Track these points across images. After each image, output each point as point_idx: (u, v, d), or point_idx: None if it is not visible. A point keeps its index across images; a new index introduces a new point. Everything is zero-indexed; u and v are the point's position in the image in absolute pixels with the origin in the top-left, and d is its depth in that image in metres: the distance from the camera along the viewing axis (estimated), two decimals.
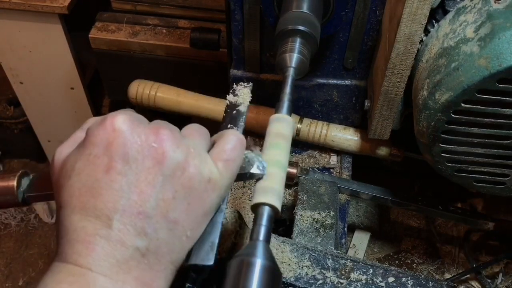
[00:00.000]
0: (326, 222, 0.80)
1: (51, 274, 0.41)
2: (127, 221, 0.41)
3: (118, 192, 0.41)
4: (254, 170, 0.49)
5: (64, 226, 0.42)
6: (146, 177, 0.42)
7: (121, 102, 1.48)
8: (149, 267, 0.42)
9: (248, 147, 0.51)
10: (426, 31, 0.76)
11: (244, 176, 0.49)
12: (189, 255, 0.46)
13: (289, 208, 0.89)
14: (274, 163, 0.51)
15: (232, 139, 0.48)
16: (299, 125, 0.96)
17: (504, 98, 0.64)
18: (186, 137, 0.46)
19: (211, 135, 0.52)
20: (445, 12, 0.74)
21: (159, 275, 0.43)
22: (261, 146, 0.97)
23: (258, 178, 0.49)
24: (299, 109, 0.98)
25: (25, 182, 0.54)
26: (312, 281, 0.67)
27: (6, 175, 0.54)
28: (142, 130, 0.43)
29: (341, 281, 0.68)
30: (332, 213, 0.82)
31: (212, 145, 0.49)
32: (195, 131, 0.49)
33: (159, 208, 0.42)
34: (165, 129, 0.44)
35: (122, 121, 0.43)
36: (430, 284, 0.69)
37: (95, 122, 0.45)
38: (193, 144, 0.46)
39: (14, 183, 0.53)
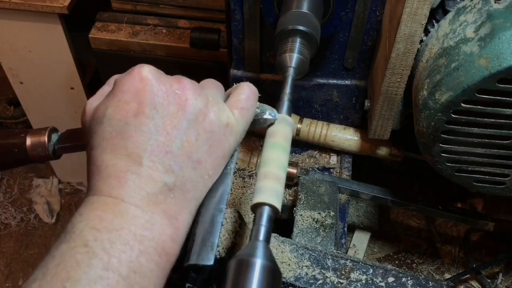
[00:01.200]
0: (326, 222, 0.80)
1: (85, 205, 0.44)
2: (156, 159, 0.44)
3: (147, 134, 0.44)
4: (267, 116, 0.54)
5: (96, 165, 0.45)
6: (172, 121, 0.45)
7: None
8: (175, 201, 0.45)
9: None
10: (426, 31, 0.76)
11: (258, 122, 0.54)
12: (189, 254, 0.46)
13: (289, 208, 0.89)
14: (274, 163, 0.51)
15: (246, 90, 0.53)
16: (299, 125, 0.96)
17: (504, 98, 0.64)
18: (204, 87, 0.50)
19: None
20: (445, 12, 0.74)
21: (184, 209, 0.46)
22: (261, 146, 0.97)
23: (270, 123, 0.54)
24: (299, 109, 0.98)
25: (55, 137, 0.59)
26: (312, 281, 0.67)
27: (37, 130, 0.59)
28: (166, 79, 0.47)
29: (341, 281, 0.68)
30: (332, 213, 0.82)
31: (227, 97, 0.53)
32: (212, 83, 0.54)
33: (184, 149, 0.46)
34: (186, 80, 0.48)
35: (148, 71, 0.46)
36: (430, 284, 0.69)
37: (121, 74, 0.48)
38: (211, 93, 0.50)
39: (45, 137, 0.58)
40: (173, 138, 0.45)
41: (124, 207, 0.43)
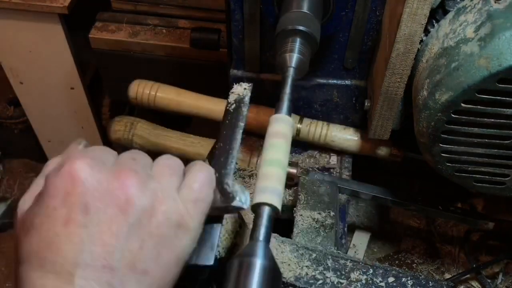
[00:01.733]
0: (326, 222, 0.80)
1: None
2: (91, 276, 0.38)
3: (79, 245, 0.38)
4: (236, 203, 0.47)
5: (22, 284, 0.39)
6: (110, 228, 0.39)
7: (121, 102, 1.49)
8: None
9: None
10: (426, 31, 0.76)
11: (225, 209, 0.47)
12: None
13: (289, 208, 0.89)
14: (274, 163, 0.51)
15: (199, 177, 0.45)
16: (299, 125, 0.96)
17: (504, 98, 0.64)
18: (155, 176, 0.43)
19: (212, 135, 0.50)
20: (445, 12, 0.74)
21: None
22: (261, 146, 0.97)
23: (240, 210, 0.47)
24: (299, 109, 0.98)
25: (1, 208, 0.52)
26: (312, 281, 0.67)
27: None
28: (103, 176, 0.40)
29: (341, 281, 0.68)
30: (332, 213, 0.82)
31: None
32: (166, 167, 0.45)
33: (125, 260, 0.39)
34: (129, 172, 0.41)
35: (81, 167, 0.40)
36: (430, 284, 0.69)
37: (53, 168, 0.42)
38: (161, 186, 0.42)
39: None
40: (111, 248, 0.38)
41: None
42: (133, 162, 0.43)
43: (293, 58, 0.68)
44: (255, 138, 1.01)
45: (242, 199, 0.47)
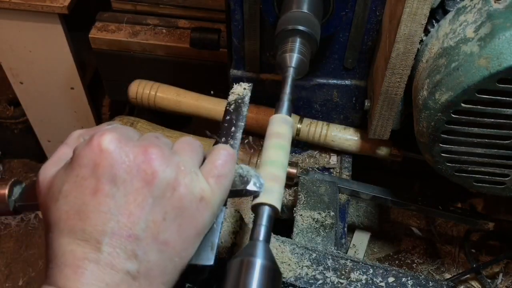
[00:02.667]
0: (326, 222, 0.80)
1: None
2: (117, 244, 0.40)
3: (107, 214, 0.40)
4: (251, 187, 0.48)
5: (52, 250, 0.41)
6: (135, 199, 0.41)
7: (121, 102, 1.49)
8: None
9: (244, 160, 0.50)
10: (426, 31, 0.76)
11: (240, 193, 0.48)
12: None
13: (289, 208, 0.89)
14: (274, 163, 0.51)
15: (223, 154, 0.47)
16: (299, 125, 0.96)
17: (504, 98, 0.64)
18: (177, 153, 0.45)
19: (211, 135, 0.51)
20: (445, 12, 0.74)
21: None
22: (261, 146, 0.97)
23: (254, 195, 0.48)
24: (299, 109, 0.98)
25: (17, 190, 0.53)
26: (312, 281, 0.67)
27: None
28: (130, 149, 0.42)
29: (341, 281, 0.68)
30: (332, 213, 0.82)
31: (204, 160, 0.48)
32: (187, 145, 0.47)
33: (149, 230, 0.41)
34: (154, 147, 0.43)
35: (109, 140, 0.42)
36: (430, 284, 0.69)
37: (83, 141, 0.44)
38: (184, 161, 0.44)
39: (6, 191, 0.52)
40: (136, 218, 0.40)
41: None
42: (156, 139, 0.45)
43: (293, 58, 0.68)
44: (255, 138, 1.01)
45: (257, 183, 0.48)
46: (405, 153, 0.94)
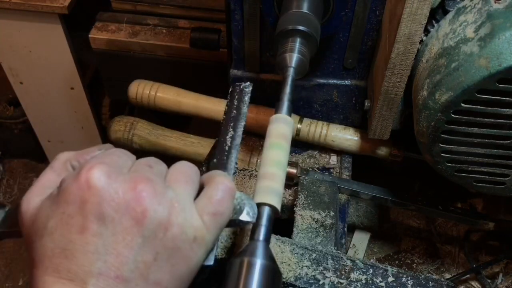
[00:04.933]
0: (326, 222, 0.80)
1: None
2: (104, 285, 0.38)
3: (94, 254, 0.38)
4: (244, 217, 0.45)
5: (36, 287, 0.39)
6: (124, 238, 0.39)
7: (121, 102, 1.49)
8: None
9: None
10: (426, 31, 0.76)
11: (232, 223, 0.46)
12: None
13: (289, 208, 0.89)
14: (274, 163, 0.51)
15: (221, 189, 0.44)
16: (299, 125, 0.96)
17: (504, 98, 0.64)
18: (171, 185, 0.43)
19: (211, 135, 0.50)
20: (445, 12, 0.74)
21: None
22: (261, 146, 0.97)
23: (247, 224, 0.46)
24: (299, 109, 0.98)
25: (0, 214, 0.51)
26: (312, 281, 0.67)
27: None
28: (119, 185, 0.40)
29: (341, 281, 0.68)
30: (332, 213, 0.82)
31: (201, 187, 0.45)
32: (182, 175, 0.44)
33: (139, 271, 0.39)
34: (145, 183, 0.40)
35: (98, 176, 0.40)
36: (430, 284, 0.68)
37: (70, 174, 0.42)
38: (178, 195, 0.42)
39: None
40: (125, 259, 0.39)
41: None
42: (149, 169, 0.43)
43: (293, 58, 0.68)
44: (255, 138, 1.01)
45: (250, 213, 0.46)
46: (405, 153, 0.94)
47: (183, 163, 0.46)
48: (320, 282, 0.67)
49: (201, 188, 0.45)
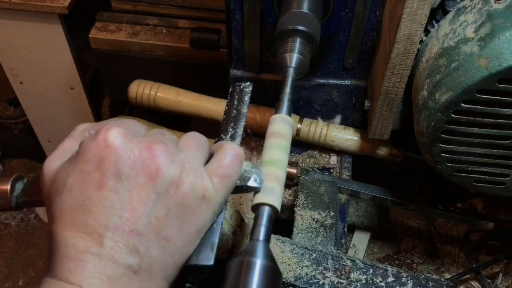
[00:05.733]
0: (326, 222, 0.80)
1: None
2: (119, 238, 0.40)
3: (110, 209, 0.40)
4: (251, 183, 0.48)
5: (55, 243, 0.41)
6: (139, 194, 0.41)
7: (121, 102, 1.49)
8: (141, 285, 0.41)
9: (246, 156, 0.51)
10: (426, 31, 0.76)
11: (240, 189, 0.48)
12: (187, 259, 0.46)
13: (289, 208, 0.89)
14: (274, 163, 0.51)
15: (230, 154, 0.47)
16: (299, 125, 0.96)
17: (504, 98, 0.64)
18: (182, 149, 0.45)
19: (212, 135, 0.51)
20: (445, 12, 0.74)
21: None
22: (261, 146, 0.97)
23: (255, 191, 0.48)
24: (299, 109, 0.98)
25: (19, 186, 0.53)
26: (312, 281, 0.67)
27: (0, 178, 0.53)
28: (135, 145, 0.42)
29: (341, 281, 0.68)
30: (332, 213, 0.82)
31: (210, 156, 0.48)
32: (193, 141, 0.47)
33: (152, 226, 0.41)
34: (159, 144, 0.43)
35: (115, 136, 0.42)
36: (430, 284, 0.69)
37: (88, 136, 0.44)
38: (189, 158, 0.44)
39: (8, 187, 0.52)
40: (139, 214, 0.41)
41: None
42: (162, 136, 0.45)
43: (293, 58, 0.68)
44: (255, 138, 1.01)
45: (257, 179, 0.48)
46: (405, 153, 0.94)
47: (194, 133, 0.49)
48: (320, 282, 0.67)
49: (210, 158, 0.48)
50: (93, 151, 0.42)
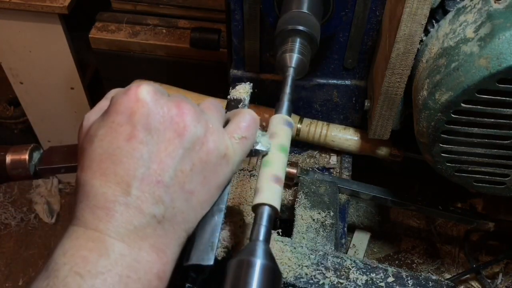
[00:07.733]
0: (326, 222, 0.80)
1: (70, 239, 0.41)
2: (146, 189, 0.42)
3: (139, 160, 0.42)
4: (259, 147, 0.51)
5: (84, 191, 0.43)
6: (167, 148, 0.43)
7: None
8: (164, 234, 0.43)
9: None
10: (426, 31, 0.76)
11: (250, 153, 0.51)
12: (189, 254, 0.46)
13: (289, 208, 0.89)
14: (274, 163, 0.51)
15: (247, 118, 0.50)
16: (299, 125, 0.96)
17: (504, 98, 0.64)
18: (205, 111, 0.48)
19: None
20: (445, 12, 0.74)
21: (173, 242, 0.44)
22: None
23: (262, 154, 0.52)
24: (299, 109, 0.98)
25: (36, 156, 0.56)
26: (312, 281, 0.67)
27: (18, 148, 0.56)
28: (165, 102, 0.44)
29: (341, 281, 0.68)
30: (332, 213, 0.82)
31: (226, 122, 0.51)
32: (213, 106, 0.50)
33: (177, 179, 0.43)
34: (186, 103, 0.45)
35: (146, 91, 0.44)
36: (430, 284, 0.69)
37: (120, 91, 0.46)
38: (212, 119, 0.47)
39: (26, 156, 0.55)
40: (166, 167, 0.43)
41: (110, 244, 0.41)
42: (186, 98, 0.47)
43: (293, 58, 0.68)
44: None
45: (264, 144, 0.51)
46: (405, 153, 0.94)
47: (212, 99, 0.54)
48: (320, 282, 0.67)
49: (225, 124, 0.50)
50: (125, 104, 0.44)
